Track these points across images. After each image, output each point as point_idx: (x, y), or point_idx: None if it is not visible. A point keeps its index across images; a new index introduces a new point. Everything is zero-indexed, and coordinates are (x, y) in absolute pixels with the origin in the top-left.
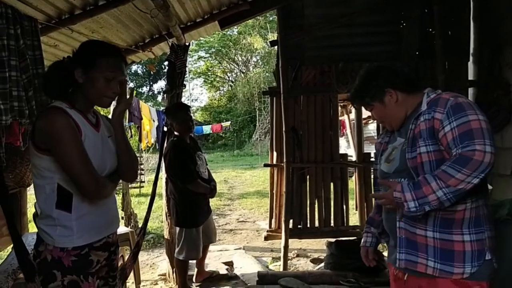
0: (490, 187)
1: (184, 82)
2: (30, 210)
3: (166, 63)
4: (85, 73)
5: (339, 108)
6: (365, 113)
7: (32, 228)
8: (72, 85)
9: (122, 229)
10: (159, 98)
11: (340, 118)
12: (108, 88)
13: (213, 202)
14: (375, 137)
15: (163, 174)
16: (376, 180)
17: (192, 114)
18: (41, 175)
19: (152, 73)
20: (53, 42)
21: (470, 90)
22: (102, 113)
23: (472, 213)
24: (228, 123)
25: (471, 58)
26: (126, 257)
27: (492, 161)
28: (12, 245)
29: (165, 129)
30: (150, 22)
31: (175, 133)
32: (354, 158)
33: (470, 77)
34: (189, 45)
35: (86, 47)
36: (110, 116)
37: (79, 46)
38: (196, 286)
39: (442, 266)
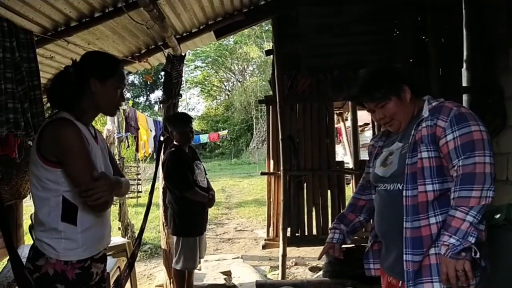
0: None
1: (181, 92)
2: (26, 222)
3: (162, 73)
4: (101, 83)
5: (335, 115)
6: (361, 120)
7: (28, 240)
8: (80, 95)
9: (118, 239)
10: (156, 108)
11: (336, 125)
12: (119, 97)
13: (211, 211)
14: None
15: (159, 184)
16: (362, 183)
17: (193, 125)
18: (45, 188)
19: (149, 83)
20: (49, 54)
21: (465, 97)
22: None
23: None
24: (225, 132)
25: (464, 65)
26: (122, 268)
27: (493, 170)
28: (8, 258)
29: (162, 138)
30: (146, 33)
31: (174, 142)
32: (351, 165)
33: (464, 83)
34: (185, 55)
35: (101, 58)
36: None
37: (89, 57)
38: None
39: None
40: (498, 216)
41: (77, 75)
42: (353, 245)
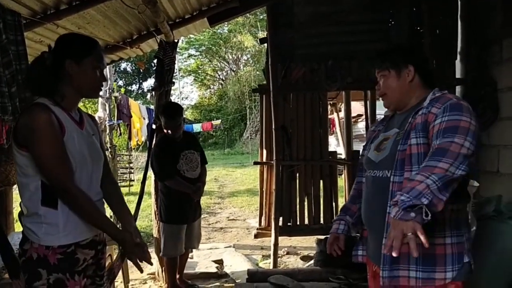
0: (476, 184)
1: (173, 80)
2: (16, 209)
3: (155, 60)
4: (77, 64)
5: (329, 106)
6: (355, 112)
7: (19, 227)
8: (58, 79)
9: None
10: (149, 96)
11: (329, 116)
12: (99, 77)
13: (203, 200)
14: (365, 135)
15: (151, 173)
16: (360, 168)
17: (180, 117)
18: (24, 173)
19: (141, 70)
20: (38, 38)
21: (458, 88)
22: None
23: (453, 215)
24: (218, 121)
25: (458, 56)
26: (114, 257)
27: (469, 154)
28: None
29: (154, 126)
30: (137, 18)
31: (165, 130)
32: (343, 156)
33: (458, 75)
34: (177, 42)
35: (75, 39)
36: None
37: (63, 40)
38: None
39: (424, 274)
40: (488, 207)
41: (53, 59)
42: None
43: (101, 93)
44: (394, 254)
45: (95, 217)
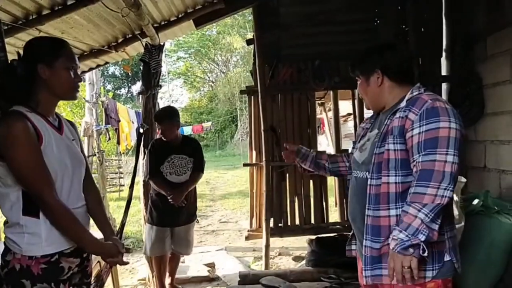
0: (464, 180)
1: (161, 83)
2: (1, 218)
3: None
4: (49, 68)
5: (318, 106)
6: (344, 111)
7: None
8: (32, 86)
9: (98, 234)
10: (139, 100)
11: (319, 116)
12: (74, 78)
13: None
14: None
15: (140, 177)
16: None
17: (169, 120)
18: (4, 183)
19: (130, 74)
20: (20, 43)
21: (444, 86)
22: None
23: None
24: (209, 123)
25: (444, 54)
26: (103, 263)
27: (454, 170)
28: None
29: (141, 130)
30: (122, 21)
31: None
32: None
33: (443, 72)
34: (164, 44)
35: (43, 42)
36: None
37: (31, 45)
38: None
39: None
40: (476, 202)
41: (24, 66)
42: (335, 234)
43: (87, 97)
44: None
45: (72, 231)
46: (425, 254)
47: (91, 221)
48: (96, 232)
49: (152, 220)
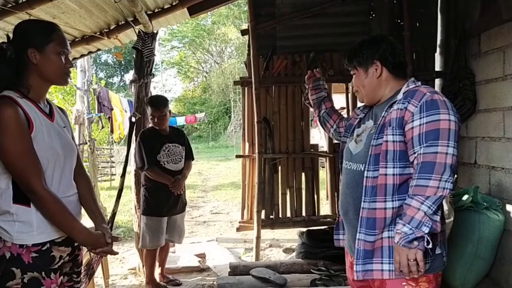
0: (454, 175)
1: (155, 72)
2: None
3: None
4: (40, 52)
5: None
6: (337, 104)
7: None
8: (22, 70)
9: (87, 224)
10: (132, 88)
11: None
12: (65, 63)
13: (186, 194)
14: None
15: (131, 167)
16: (341, 154)
17: (165, 108)
18: None
19: (123, 62)
20: (10, 28)
21: (437, 81)
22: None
23: None
24: (202, 114)
25: (438, 49)
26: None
27: (454, 162)
28: None
29: (133, 119)
30: (114, 7)
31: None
32: (325, 149)
33: (437, 68)
34: (157, 32)
35: (33, 25)
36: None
37: (21, 28)
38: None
39: None
40: (465, 198)
41: (14, 50)
42: (326, 227)
43: (79, 85)
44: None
45: (61, 220)
46: (430, 246)
47: (83, 210)
48: (87, 221)
49: (150, 211)
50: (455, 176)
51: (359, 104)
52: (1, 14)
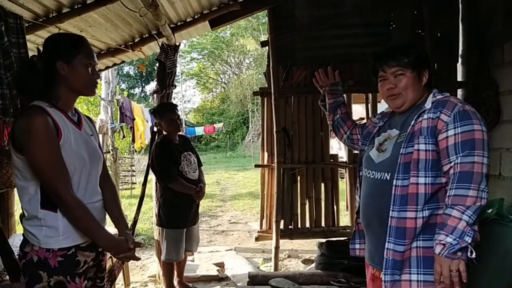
0: None
1: (175, 83)
2: (18, 211)
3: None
4: (68, 64)
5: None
6: (356, 115)
7: (20, 229)
8: (51, 81)
9: (111, 230)
10: (152, 99)
11: None
12: (92, 74)
13: (205, 203)
14: None
15: (152, 175)
16: (360, 161)
17: (179, 113)
18: (23, 176)
19: (144, 74)
20: (40, 41)
21: (459, 92)
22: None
23: None
24: (221, 124)
25: (460, 59)
26: (115, 259)
27: (488, 171)
28: None
29: (155, 129)
30: (139, 21)
31: (164, 132)
32: (345, 159)
33: (459, 78)
34: (179, 45)
35: (62, 39)
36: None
37: (50, 41)
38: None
39: (425, 276)
40: (490, 210)
41: (44, 63)
42: (346, 238)
43: (103, 95)
44: None
45: (86, 226)
46: (473, 256)
47: (107, 216)
48: (111, 228)
49: (173, 223)
50: None
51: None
52: (32, 28)
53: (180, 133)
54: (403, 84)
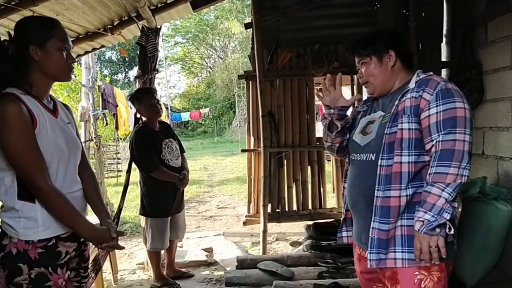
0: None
1: (159, 68)
2: None
3: None
4: (41, 49)
5: (316, 91)
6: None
7: None
8: (24, 67)
9: (95, 219)
10: (136, 85)
11: (318, 103)
12: (67, 59)
13: (192, 189)
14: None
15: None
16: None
17: (159, 98)
18: None
19: (127, 59)
20: (13, 25)
21: (444, 71)
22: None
23: None
24: (207, 109)
25: (444, 39)
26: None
27: (470, 148)
28: None
29: (138, 115)
30: (117, 3)
31: (143, 118)
32: None
33: (443, 58)
34: (160, 27)
35: (33, 22)
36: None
37: (22, 25)
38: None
39: (410, 255)
40: (473, 189)
41: (16, 48)
42: (333, 220)
43: (84, 82)
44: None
45: (65, 216)
46: (452, 232)
47: (88, 206)
48: (92, 217)
49: (158, 212)
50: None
51: (365, 97)
52: (5, 12)
53: (161, 119)
54: (368, 71)
